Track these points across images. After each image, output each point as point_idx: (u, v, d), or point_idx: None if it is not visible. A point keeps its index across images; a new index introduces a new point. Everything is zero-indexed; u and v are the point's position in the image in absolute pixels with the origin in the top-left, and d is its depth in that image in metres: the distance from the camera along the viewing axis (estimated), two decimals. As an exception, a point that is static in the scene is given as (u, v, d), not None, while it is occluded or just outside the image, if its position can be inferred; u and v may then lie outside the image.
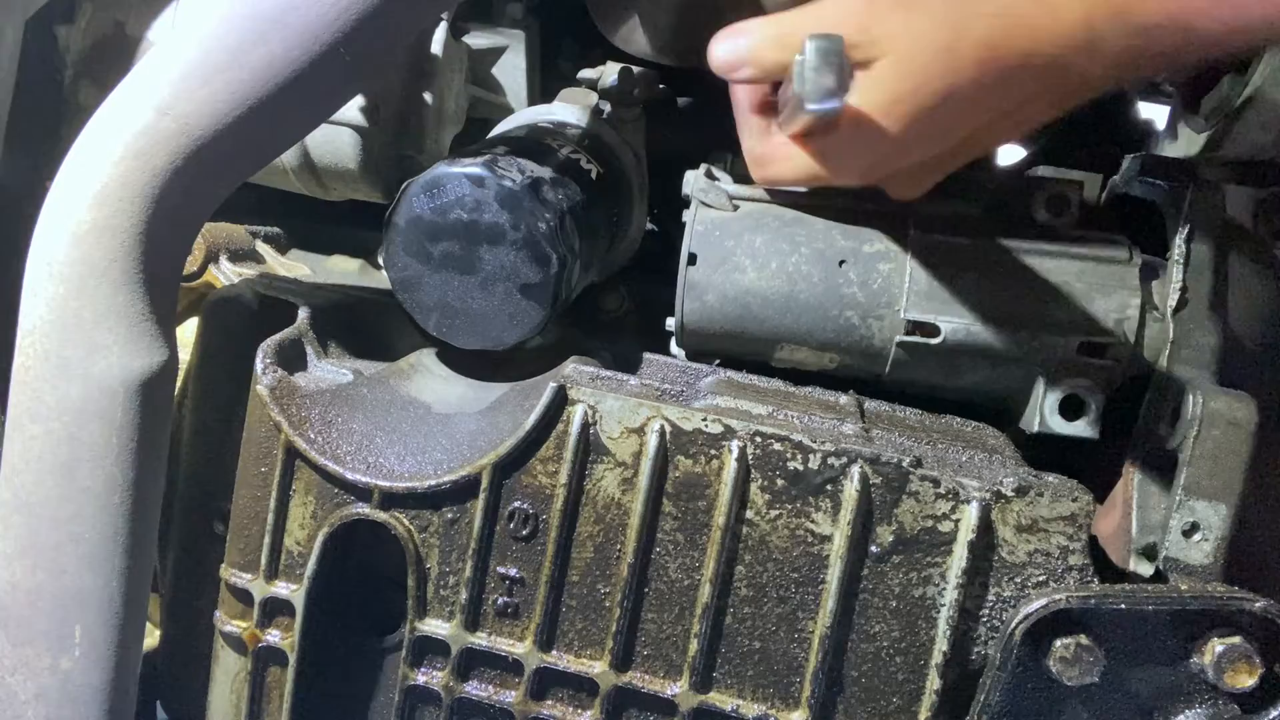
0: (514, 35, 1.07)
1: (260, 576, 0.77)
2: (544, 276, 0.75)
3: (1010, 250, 0.80)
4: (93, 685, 0.73)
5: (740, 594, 0.73)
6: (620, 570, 0.73)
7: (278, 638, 0.78)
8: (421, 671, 0.76)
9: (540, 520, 0.74)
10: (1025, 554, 0.70)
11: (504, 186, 0.73)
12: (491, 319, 0.76)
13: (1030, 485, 0.70)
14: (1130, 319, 0.78)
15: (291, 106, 0.71)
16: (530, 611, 0.74)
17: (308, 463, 0.75)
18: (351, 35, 0.69)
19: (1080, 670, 0.68)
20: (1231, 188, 0.80)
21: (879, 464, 0.71)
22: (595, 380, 0.75)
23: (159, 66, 0.70)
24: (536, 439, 0.73)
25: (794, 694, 0.73)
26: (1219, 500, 0.72)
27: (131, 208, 0.69)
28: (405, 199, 0.75)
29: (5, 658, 0.72)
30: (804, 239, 0.81)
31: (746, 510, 0.72)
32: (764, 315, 0.81)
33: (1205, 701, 0.70)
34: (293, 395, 0.76)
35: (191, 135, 0.69)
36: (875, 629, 0.72)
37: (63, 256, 0.69)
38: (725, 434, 0.72)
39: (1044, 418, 0.79)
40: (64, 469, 0.70)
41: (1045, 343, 0.78)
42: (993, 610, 0.71)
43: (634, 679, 0.74)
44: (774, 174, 0.77)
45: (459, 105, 1.02)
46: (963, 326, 0.78)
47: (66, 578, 0.71)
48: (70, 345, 0.70)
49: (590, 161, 0.87)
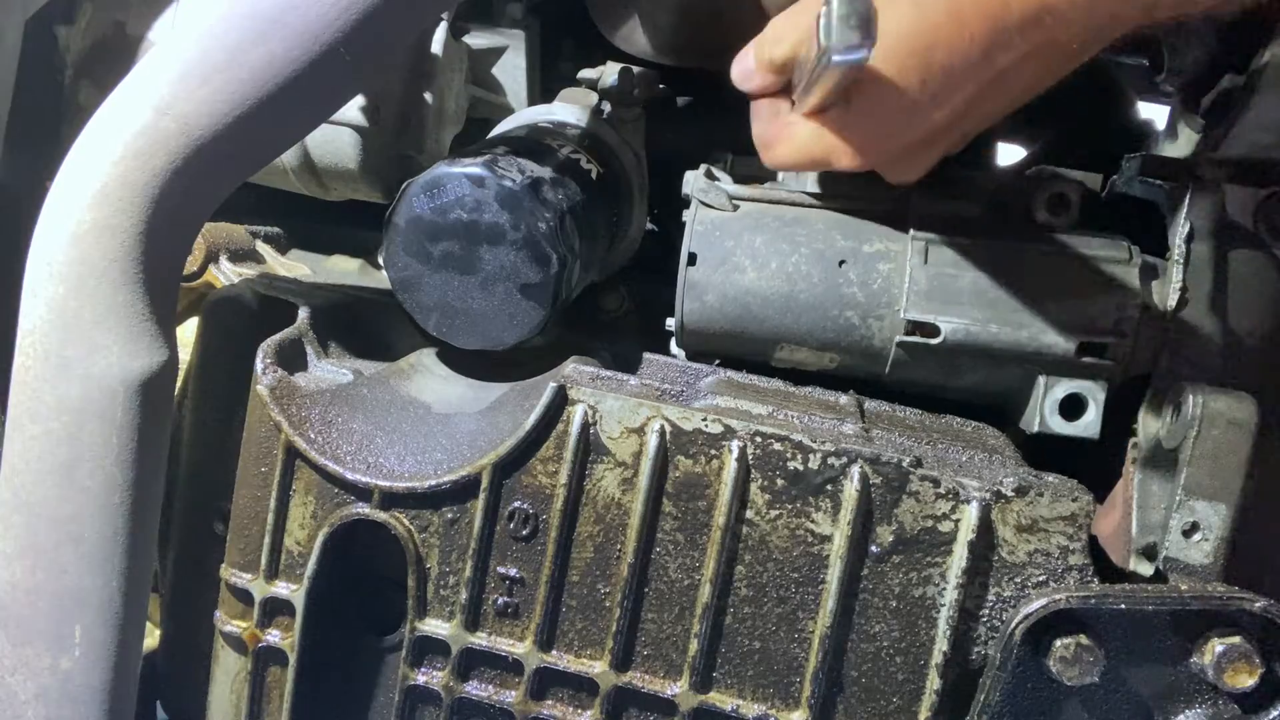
0: (514, 35, 1.07)
1: (260, 576, 0.77)
2: (544, 276, 0.75)
3: (1010, 250, 0.80)
4: (93, 685, 0.73)
5: (740, 594, 0.73)
6: (620, 570, 0.73)
7: (278, 638, 0.78)
8: (421, 671, 0.76)
9: (540, 520, 0.74)
10: (1025, 554, 0.70)
11: (504, 186, 0.73)
12: (491, 319, 0.76)
13: (1030, 485, 0.70)
14: (1130, 319, 0.78)
15: (291, 106, 0.71)
16: (530, 611, 0.74)
17: (308, 463, 0.75)
18: (351, 35, 0.69)
19: (1080, 670, 0.68)
20: (1231, 188, 0.80)
21: (879, 464, 0.71)
22: (595, 380, 0.75)
23: (159, 66, 0.70)
24: (536, 439, 0.73)
25: (794, 694, 0.73)
26: (1219, 500, 0.72)
27: (131, 208, 0.69)
28: (405, 199, 0.75)
29: (5, 658, 0.72)
30: (804, 239, 0.81)
31: (746, 510, 0.72)
32: (764, 315, 0.81)
33: (1205, 701, 0.70)
34: (293, 395, 0.76)
35: (191, 135, 0.69)
36: (875, 629, 0.72)
37: (63, 256, 0.69)
38: (725, 434, 0.72)
39: (1044, 418, 0.79)
40: (64, 469, 0.70)
41: (1045, 343, 0.78)
42: (993, 610, 0.71)
43: (634, 679, 0.74)
44: (781, 154, 0.77)
45: (459, 105, 1.02)
46: (963, 326, 0.78)
47: (66, 578, 0.71)
48: (70, 345, 0.70)
49: (590, 161, 0.87)
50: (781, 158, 0.77)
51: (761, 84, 0.77)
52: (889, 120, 0.70)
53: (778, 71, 0.75)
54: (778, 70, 0.75)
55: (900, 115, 0.70)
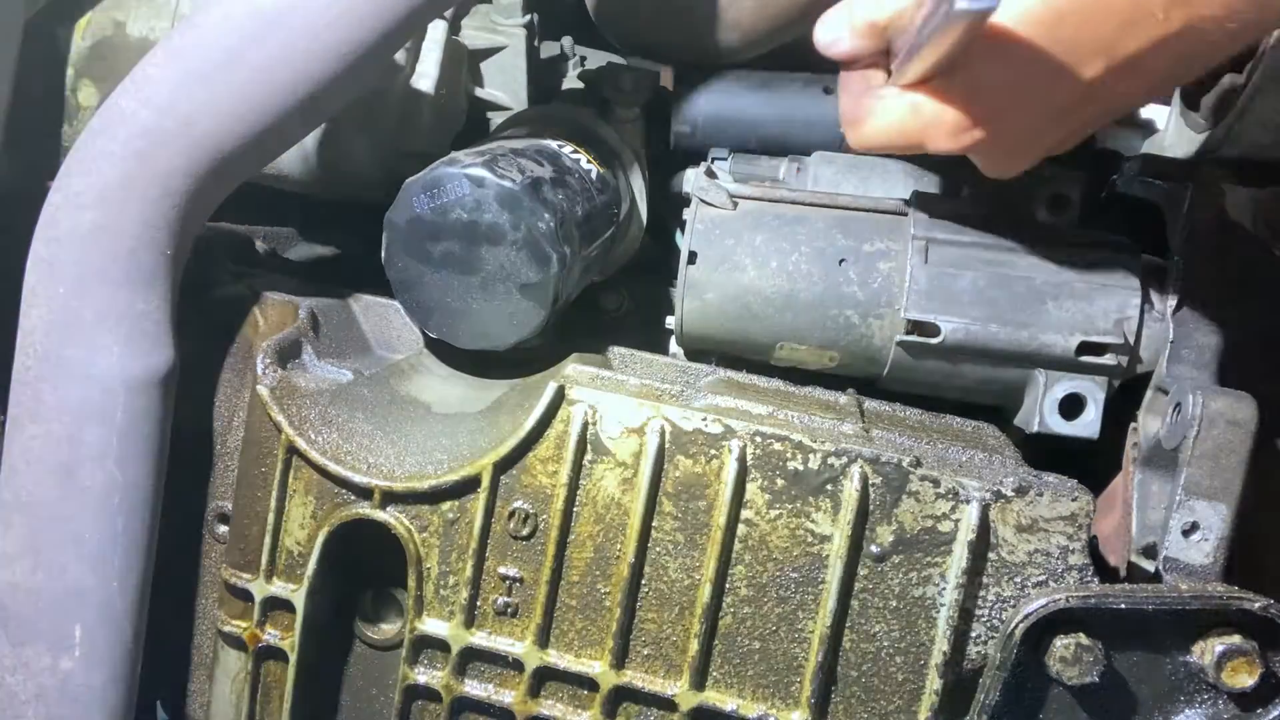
0: (514, 34, 1.07)
1: (260, 576, 0.77)
2: (544, 276, 0.75)
3: (1010, 250, 0.80)
4: (93, 685, 0.73)
5: (740, 594, 0.73)
6: (620, 570, 0.73)
7: (278, 637, 0.78)
8: (421, 671, 0.76)
9: (540, 520, 0.74)
10: (1025, 554, 0.70)
11: (504, 186, 0.73)
12: (491, 319, 0.76)
13: (1030, 485, 0.70)
14: (1130, 319, 0.78)
15: (291, 106, 0.71)
16: (530, 611, 0.74)
17: (308, 462, 0.75)
18: (351, 34, 0.69)
19: (1080, 670, 0.68)
20: (1231, 188, 0.80)
21: (879, 464, 0.71)
22: (595, 380, 0.75)
23: (159, 66, 0.70)
24: (536, 439, 0.73)
25: (794, 694, 0.73)
26: (1219, 500, 0.71)
27: (131, 208, 0.69)
28: (405, 199, 0.75)
29: (5, 658, 0.73)
30: (804, 237, 0.81)
31: (746, 510, 0.72)
32: (764, 314, 0.81)
33: (1205, 701, 0.70)
34: (293, 395, 0.76)
35: (191, 135, 0.69)
36: (875, 629, 0.72)
37: (63, 256, 0.69)
38: (725, 434, 0.72)
39: (1043, 417, 0.79)
40: (64, 469, 0.70)
41: (1045, 343, 0.78)
42: (993, 610, 0.71)
43: (634, 678, 0.74)
44: (870, 132, 0.68)
45: (459, 105, 1.02)
46: (963, 326, 0.78)
47: (66, 578, 0.71)
48: (70, 345, 0.70)
49: (590, 161, 0.87)
50: (870, 135, 0.69)
51: (853, 49, 0.68)
52: (1000, 97, 0.63)
53: (874, 36, 0.66)
54: (875, 34, 0.66)
55: (1014, 93, 0.62)
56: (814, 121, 0.98)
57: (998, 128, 0.65)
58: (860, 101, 0.69)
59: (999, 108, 0.64)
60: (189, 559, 0.85)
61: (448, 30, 0.97)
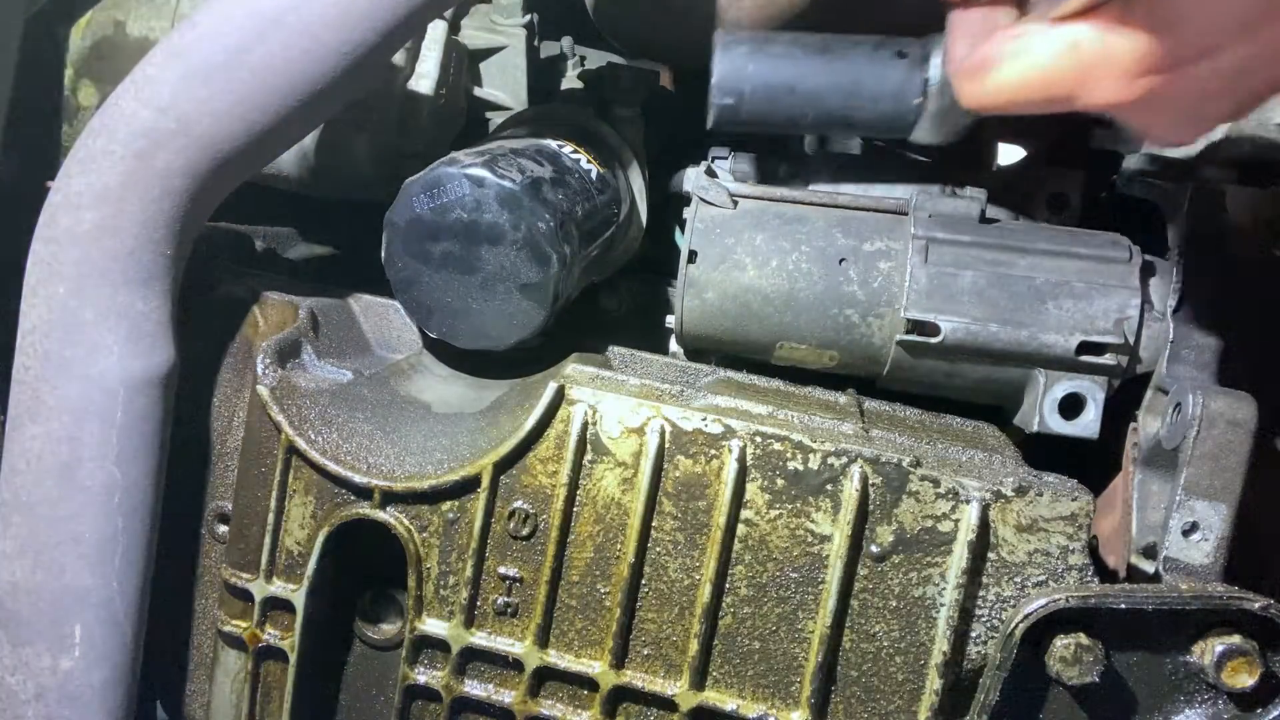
0: (514, 34, 1.07)
1: (260, 576, 0.77)
2: (544, 276, 0.75)
3: (1010, 250, 0.80)
4: (93, 685, 0.73)
5: (740, 594, 0.73)
6: (620, 570, 0.73)
7: (277, 637, 0.78)
8: (421, 670, 0.76)
9: (540, 520, 0.74)
10: (1025, 554, 0.70)
11: (504, 186, 0.73)
12: (491, 319, 0.76)
13: (1030, 485, 0.70)
14: (1130, 319, 0.78)
15: (291, 106, 0.71)
16: (530, 611, 0.74)
17: (308, 462, 0.75)
18: (351, 35, 0.69)
19: (1080, 670, 0.68)
20: (1231, 188, 0.80)
21: (879, 464, 0.71)
22: (595, 380, 0.75)
23: (159, 66, 0.70)
24: (536, 439, 0.73)
25: (794, 694, 0.73)
26: (1219, 500, 0.71)
27: (131, 208, 0.69)
28: (405, 199, 0.75)
29: (5, 658, 0.73)
30: (804, 237, 0.81)
31: (746, 510, 0.72)
32: (764, 313, 0.81)
33: (1205, 700, 0.70)
34: (293, 395, 0.76)
35: (191, 135, 0.69)
36: (875, 629, 0.72)
37: (63, 256, 0.69)
38: (725, 434, 0.72)
39: (1043, 417, 0.79)
40: (64, 469, 0.70)
41: (1045, 342, 0.78)
42: (993, 610, 0.71)
43: (634, 678, 0.74)
44: (1007, 79, 0.54)
45: (459, 105, 1.02)
46: (963, 325, 0.78)
47: (66, 578, 0.71)
48: (70, 345, 0.70)
49: (590, 161, 0.87)
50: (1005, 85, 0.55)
51: None
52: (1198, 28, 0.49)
53: None
54: None
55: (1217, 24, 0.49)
56: (883, 94, 0.76)
57: (1184, 74, 0.51)
58: (986, 46, 0.55)
59: (1193, 43, 0.50)
60: (189, 559, 0.85)
61: (448, 30, 0.97)
